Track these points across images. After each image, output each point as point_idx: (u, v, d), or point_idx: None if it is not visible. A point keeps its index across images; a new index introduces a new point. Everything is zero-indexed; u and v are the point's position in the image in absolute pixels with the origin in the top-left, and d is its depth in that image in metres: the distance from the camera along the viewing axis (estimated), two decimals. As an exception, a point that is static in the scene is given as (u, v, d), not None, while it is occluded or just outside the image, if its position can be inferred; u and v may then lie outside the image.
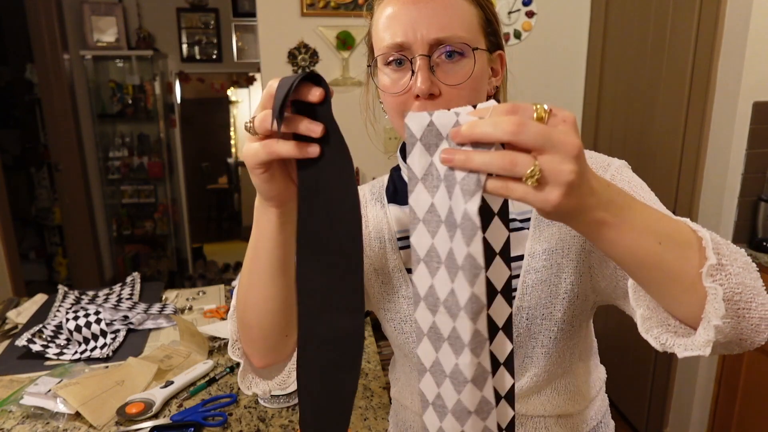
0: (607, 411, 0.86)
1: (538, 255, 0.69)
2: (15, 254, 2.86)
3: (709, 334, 0.46)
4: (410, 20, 0.60)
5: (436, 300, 0.47)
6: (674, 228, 0.48)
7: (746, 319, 0.49)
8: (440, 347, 0.48)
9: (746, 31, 1.64)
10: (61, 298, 1.51)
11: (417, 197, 0.46)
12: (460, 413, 0.49)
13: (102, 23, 3.91)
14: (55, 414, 0.97)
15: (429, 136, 0.44)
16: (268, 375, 0.68)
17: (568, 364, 0.75)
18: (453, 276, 0.45)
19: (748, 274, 0.49)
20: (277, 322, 0.62)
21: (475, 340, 0.46)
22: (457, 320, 0.46)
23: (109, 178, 4.20)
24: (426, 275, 0.47)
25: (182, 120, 4.57)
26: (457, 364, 0.47)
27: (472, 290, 0.44)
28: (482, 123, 0.41)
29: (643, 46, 2.11)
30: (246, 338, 0.65)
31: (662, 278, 0.48)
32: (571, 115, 0.42)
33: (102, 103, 4.07)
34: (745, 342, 0.51)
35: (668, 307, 0.50)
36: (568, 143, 0.40)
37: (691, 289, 0.47)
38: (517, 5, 2.34)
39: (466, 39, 0.61)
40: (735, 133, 1.72)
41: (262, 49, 2.22)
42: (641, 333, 0.51)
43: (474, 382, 0.47)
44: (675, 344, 0.49)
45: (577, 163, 0.41)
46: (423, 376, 0.50)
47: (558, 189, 0.41)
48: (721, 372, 1.84)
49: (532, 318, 0.70)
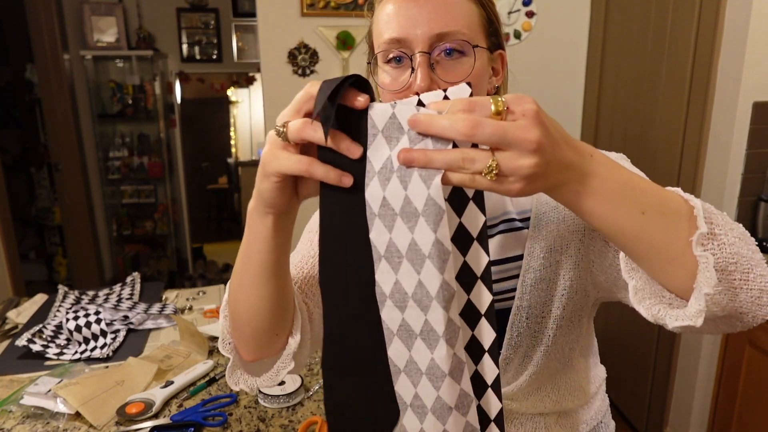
0: (608, 411, 0.86)
1: (537, 254, 0.69)
2: (15, 254, 2.86)
3: (700, 303, 0.45)
4: (410, 17, 0.60)
5: (404, 296, 0.46)
6: (662, 198, 0.47)
7: (744, 291, 0.48)
8: (413, 344, 0.47)
9: (746, 31, 1.64)
10: (61, 298, 1.51)
11: (372, 191, 0.45)
12: (441, 411, 0.48)
13: (102, 23, 3.90)
14: (55, 414, 0.97)
15: (391, 129, 0.44)
16: (256, 371, 0.67)
17: (568, 359, 0.75)
18: (419, 267, 0.44)
19: (745, 245, 0.48)
20: (268, 321, 0.62)
21: (449, 330, 0.45)
22: (429, 312, 0.45)
23: (109, 178, 4.20)
24: (388, 272, 0.46)
25: (182, 120, 4.57)
26: (433, 358, 0.46)
27: (442, 277, 0.43)
28: (439, 120, 0.42)
29: (643, 46, 2.11)
30: (237, 334, 0.65)
31: (648, 249, 0.47)
32: (532, 108, 0.42)
33: (102, 103, 4.07)
34: (746, 316, 0.49)
35: (660, 279, 0.49)
36: (525, 139, 0.40)
37: (680, 260, 0.46)
38: (517, 5, 2.34)
39: (466, 36, 0.60)
40: (735, 133, 1.72)
41: (262, 49, 2.22)
42: (633, 304, 0.50)
43: (452, 376, 0.46)
44: (666, 315, 0.48)
45: (537, 155, 0.41)
46: (398, 378, 0.49)
47: (518, 182, 0.42)
48: (721, 372, 1.84)
49: (531, 317, 0.70)
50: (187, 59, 4.34)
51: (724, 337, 1.81)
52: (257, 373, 0.67)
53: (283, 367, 0.65)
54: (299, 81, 2.26)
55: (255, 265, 0.58)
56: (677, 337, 2.02)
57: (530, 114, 0.41)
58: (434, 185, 0.42)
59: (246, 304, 0.61)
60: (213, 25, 4.33)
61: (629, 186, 0.46)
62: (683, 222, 0.47)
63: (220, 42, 4.38)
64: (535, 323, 0.70)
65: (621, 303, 0.66)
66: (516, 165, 0.41)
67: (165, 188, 4.35)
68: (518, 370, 0.73)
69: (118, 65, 4.08)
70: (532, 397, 0.75)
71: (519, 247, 0.70)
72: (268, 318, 0.61)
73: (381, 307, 0.47)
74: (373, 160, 0.45)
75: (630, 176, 0.47)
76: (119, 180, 4.22)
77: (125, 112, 4.09)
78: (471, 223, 0.46)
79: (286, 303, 0.62)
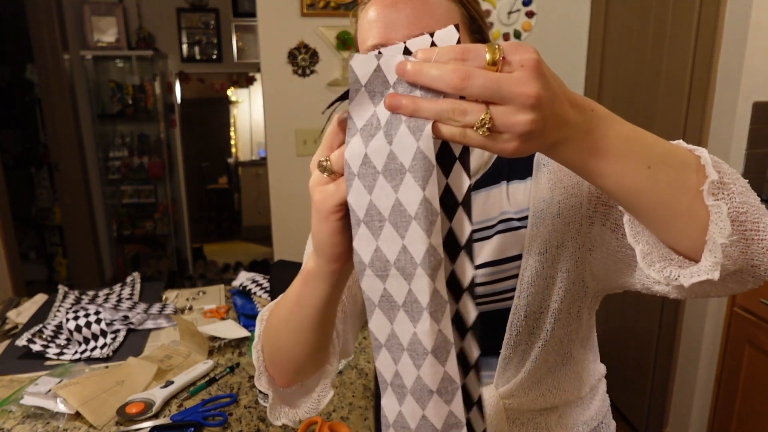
0: (608, 412, 0.86)
1: (535, 252, 0.69)
2: (15, 254, 2.86)
3: (716, 255, 0.42)
4: (390, 22, 0.59)
5: (385, 263, 0.41)
6: (667, 150, 0.45)
7: (755, 242, 0.45)
8: (395, 317, 0.43)
9: (746, 31, 1.64)
10: (61, 298, 1.51)
11: (352, 149, 0.41)
12: (421, 393, 0.43)
13: (102, 23, 3.91)
14: (55, 414, 0.97)
15: (375, 83, 0.40)
16: (294, 400, 0.66)
17: (567, 351, 0.75)
18: (403, 231, 0.40)
19: (751, 194, 0.47)
20: (313, 356, 0.61)
21: (434, 301, 0.41)
22: (413, 281, 0.41)
23: (109, 178, 4.20)
24: (368, 237, 0.41)
25: (182, 120, 4.58)
26: (416, 332, 0.42)
27: (429, 241, 0.39)
28: (429, 69, 0.38)
29: (643, 46, 2.11)
30: (274, 367, 0.63)
31: (657, 204, 0.44)
32: (532, 57, 0.38)
33: (102, 103, 4.07)
34: (759, 269, 0.47)
35: (669, 238, 0.46)
36: (522, 93, 0.37)
37: (690, 213, 0.44)
38: (517, 5, 2.34)
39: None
40: (735, 133, 1.72)
41: (262, 49, 2.23)
42: (643, 268, 0.47)
43: (435, 354, 0.42)
44: (681, 275, 0.45)
45: (535, 111, 0.37)
46: (379, 353, 0.45)
47: (513, 140, 0.38)
48: (721, 372, 1.84)
49: (530, 314, 0.70)
50: (187, 59, 4.34)
51: (724, 337, 1.81)
52: (297, 403, 0.66)
53: (324, 395, 0.65)
54: (299, 81, 2.26)
55: (308, 318, 0.57)
56: (677, 337, 2.02)
57: (529, 64, 0.38)
58: (424, 135, 0.38)
59: (291, 344, 0.60)
60: (213, 25, 4.33)
61: (633, 140, 0.44)
62: (691, 173, 0.44)
63: (220, 42, 4.38)
64: (533, 320, 0.71)
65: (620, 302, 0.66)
66: (511, 121, 0.37)
67: (165, 188, 4.35)
68: (517, 367, 0.73)
69: (118, 65, 4.08)
70: (533, 392, 0.75)
71: (517, 247, 0.70)
72: (313, 353, 0.61)
73: (360, 276, 0.43)
74: (354, 117, 0.41)
75: (633, 130, 0.45)
76: (119, 180, 4.22)
77: (125, 112, 4.10)
78: (457, 187, 0.42)
79: (330, 338, 0.62)
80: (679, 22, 1.90)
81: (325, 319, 0.57)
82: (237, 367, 1.14)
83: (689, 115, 1.89)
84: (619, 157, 0.43)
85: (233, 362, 1.17)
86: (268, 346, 0.63)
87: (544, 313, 0.70)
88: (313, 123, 2.31)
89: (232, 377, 1.11)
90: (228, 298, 1.55)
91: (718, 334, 1.83)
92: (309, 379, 0.65)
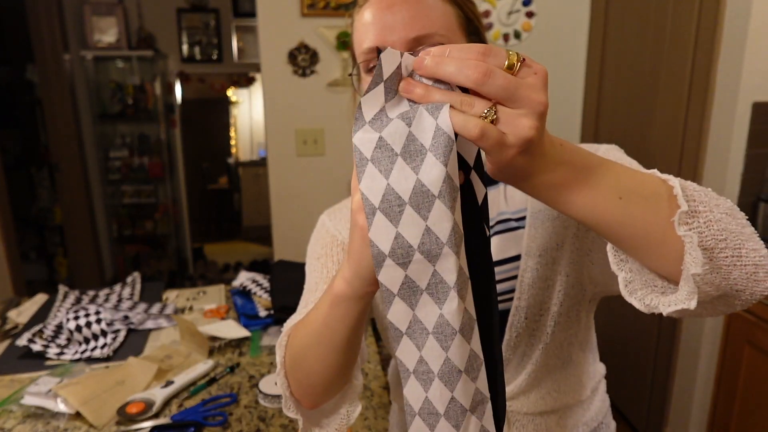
0: (608, 412, 0.86)
1: (534, 253, 0.69)
2: (15, 254, 2.87)
3: (689, 285, 0.43)
4: (386, 24, 0.59)
5: (407, 249, 0.40)
6: (638, 181, 0.46)
7: (738, 268, 0.46)
8: (417, 302, 0.42)
9: (746, 31, 1.64)
10: (62, 298, 1.51)
11: (362, 136, 0.40)
12: (449, 375, 0.43)
13: (102, 23, 3.91)
14: (56, 414, 0.97)
15: (392, 80, 0.41)
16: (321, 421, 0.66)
17: (567, 355, 0.75)
18: (426, 211, 0.39)
19: (733, 220, 0.46)
20: (343, 375, 0.61)
21: (460, 279, 0.41)
22: (439, 261, 0.40)
23: (109, 178, 4.20)
24: (386, 225, 0.40)
25: (183, 120, 4.58)
26: (442, 314, 0.41)
27: (453, 218, 0.39)
28: (448, 61, 0.39)
29: (643, 46, 2.11)
30: (302, 390, 0.62)
31: (632, 235, 0.45)
32: (543, 69, 0.40)
33: (102, 103, 4.07)
34: (744, 293, 0.47)
35: (650, 265, 0.47)
36: (534, 99, 0.39)
37: (666, 242, 0.44)
38: (517, 5, 2.34)
39: (444, 39, 0.59)
40: (735, 133, 1.72)
41: (262, 50, 2.23)
42: (625, 297, 0.48)
43: (462, 333, 0.42)
44: (660, 303, 0.46)
45: (539, 120, 0.39)
46: (399, 343, 0.44)
47: (513, 147, 0.39)
48: (720, 372, 1.84)
49: (530, 316, 0.70)
50: (187, 59, 4.34)
51: (724, 337, 1.81)
52: (326, 422, 0.65)
53: (353, 410, 0.65)
54: (299, 81, 2.26)
55: (339, 341, 0.56)
56: (677, 337, 2.02)
57: (542, 74, 0.40)
58: (443, 113, 0.38)
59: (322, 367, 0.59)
60: (213, 26, 4.33)
61: (602, 172, 0.45)
62: (663, 203, 0.45)
63: (221, 42, 4.38)
64: (533, 322, 0.71)
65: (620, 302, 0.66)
66: (518, 122, 0.38)
67: (165, 188, 4.35)
68: (517, 369, 0.73)
69: (118, 65, 4.08)
70: (532, 395, 0.75)
71: (516, 247, 0.70)
72: (344, 372, 0.60)
73: (377, 269, 0.41)
74: (365, 109, 0.41)
75: (602, 162, 0.45)
76: (120, 180, 4.22)
77: (126, 113, 4.10)
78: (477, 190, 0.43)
79: (358, 354, 0.61)
80: (679, 22, 1.90)
81: (357, 339, 0.56)
82: (237, 367, 1.14)
83: (689, 115, 1.89)
84: (590, 188, 0.44)
85: (233, 362, 1.17)
86: (295, 371, 0.62)
87: (544, 315, 0.70)
88: (313, 123, 2.31)
89: (232, 377, 1.11)
90: (228, 298, 1.55)
91: (718, 334, 1.83)
92: (336, 396, 0.64)
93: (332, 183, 2.37)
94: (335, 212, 0.80)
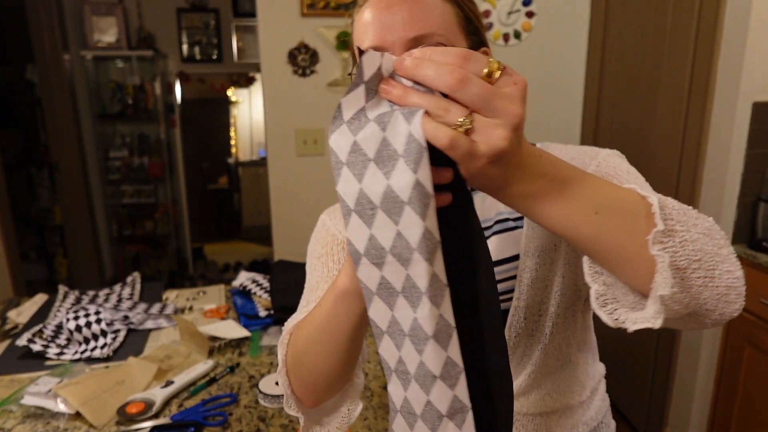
0: (608, 411, 0.86)
1: (532, 253, 0.69)
2: (15, 254, 2.87)
3: (656, 304, 0.43)
4: (385, 24, 0.59)
5: (380, 251, 0.41)
6: (617, 196, 0.46)
7: (710, 288, 0.46)
8: (394, 303, 0.43)
9: (746, 31, 1.64)
10: (62, 298, 1.51)
11: (338, 138, 0.41)
12: (424, 378, 0.43)
13: (102, 23, 3.91)
14: (56, 414, 0.97)
15: (373, 81, 0.41)
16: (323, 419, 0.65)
17: (566, 356, 0.75)
18: (396, 216, 0.39)
19: (710, 241, 0.46)
20: (347, 372, 0.61)
21: (433, 286, 0.41)
22: (410, 266, 0.41)
23: (109, 178, 4.20)
24: (360, 226, 0.41)
25: (182, 120, 4.58)
26: (416, 318, 0.42)
27: (424, 224, 0.39)
28: (427, 64, 0.39)
29: (643, 46, 2.11)
30: (304, 389, 0.62)
31: (607, 249, 0.45)
32: (523, 80, 0.40)
33: (102, 103, 4.07)
34: (713, 313, 0.48)
35: (623, 280, 0.47)
36: (509, 111, 0.38)
37: (640, 259, 0.44)
38: (517, 5, 2.34)
39: (443, 38, 0.59)
40: (735, 133, 1.72)
41: (262, 50, 2.23)
42: (594, 309, 0.48)
43: (436, 339, 0.42)
44: (627, 319, 0.46)
45: (513, 131, 0.38)
46: (381, 340, 0.45)
47: (483, 158, 0.39)
48: (721, 372, 1.84)
49: (529, 316, 0.70)
50: (187, 59, 4.34)
51: (724, 337, 1.81)
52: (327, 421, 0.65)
53: (354, 408, 0.65)
54: (299, 81, 2.26)
55: (343, 337, 0.55)
56: (677, 337, 2.02)
57: (521, 85, 0.39)
58: (415, 120, 0.38)
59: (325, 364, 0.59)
60: (213, 26, 4.33)
61: (580, 185, 0.45)
62: (641, 220, 0.45)
63: (220, 42, 4.38)
64: (532, 322, 0.71)
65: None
66: (492, 133, 0.38)
67: (165, 188, 4.35)
68: (516, 370, 0.73)
69: (118, 65, 4.08)
70: (532, 396, 0.75)
71: (514, 247, 0.70)
72: (347, 369, 0.60)
73: (356, 266, 0.43)
74: (344, 109, 0.41)
75: (581, 174, 0.45)
76: (119, 180, 4.22)
77: (125, 113, 4.10)
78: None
79: (361, 351, 0.61)
80: (679, 22, 1.90)
81: (359, 336, 0.56)
82: (237, 367, 1.14)
83: (689, 115, 1.89)
84: (565, 201, 0.44)
85: (233, 362, 1.17)
86: (297, 369, 0.62)
87: (543, 315, 0.71)
88: (313, 123, 2.31)
89: (232, 377, 1.11)
90: (228, 298, 1.55)
91: (718, 334, 1.83)
92: (338, 394, 0.64)
93: (332, 183, 2.35)
94: (335, 212, 0.80)
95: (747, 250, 1.67)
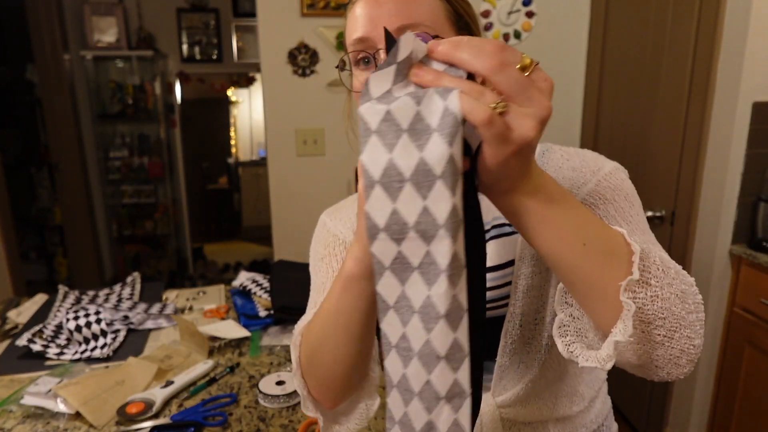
0: (610, 413, 0.84)
1: (527, 260, 0.68)
2: (15, 254, 2.87)
3: (610, 349, 0.44)
4: (371, 15, 0.60)
5: (402, 226, 0.40)
6: (604, 235, 0.47)
7: (665, 348, 0.47)
8: (408, 278, 0.42)
9: (746, 31, 1.64)
10: (62, 298, 1.51)
11: (370, 106, 0.40)
12: (428, 357, 0.43)
13: (102, 23, 3.91)
14: (56, 414, 0.97)
15: (405, 65, 0.41)
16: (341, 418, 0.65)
17: (564, 367, 0.74)
18: (426, 191, 0.38)
19: (681, 304, 0.47)
20: (362, 367, 0.60)
21: (453, 265, 0.40)
22: (433, 242, 0.40)
23: (109, 178, 4.20)
24: (383, 199, 0.40)
25: (182, 120, 4.58)
26: (430, 295, 0.41)
27: (453, 201, 0.38)
28: (464, 47, 0.39)
29: (643, 46, 2.11)
30: (321, 389, 0.61)
31: (584, 282, 0.46)
32: (551, 80, 0.41)
33: (102, 103, 4.07)
34: (662, 371, 0.49)
35: (590, 315, 0.48)
36: (542, 103, 0.39)
37: (611, 301, 0.45)
38: (517, 5, 2.34)
39: (429, 30, 0.59)
40: (735, 134, 1.72)
41: (262, 50, 2.23)
42: (554, 336, 0.49)
43: (447, 319, 0.41)
44: (581, 355, 0.48)
45: (541, 124, 0.39)
46: (386, 315, 0.44)
47: (514, 142, 0.39)
48: (720, 372, 1.84)
49: (524, 324, 0.69)
50: (187, 59, 4.35)
51: (724, 337, 1.81)
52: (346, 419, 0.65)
53: (372, 404, 0.64)
54: (299, 81, 2.26)
55: (355, 325, 0.55)
56: (677, 337, 2.02)
57: (550, 83, 0.41)
58: (452, 96, 0.38)
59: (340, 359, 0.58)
60: (213, 26, 4.33)
61: (574, 212, 0.45)
62: (622, 264, 0.46)
63: (220, 42, 4.38)
64: (528, 331, 0.70)
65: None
66: (523, 121, 0.38)
67: (165, 188, 4.35)
68: (515, 378, 0.72)
69: (118, 65, 4.08)
70: (530, 405, 0.74)
71: (511, 252, 0.69)
72: (363, 362, 0.60)
73: (371, 240, 0.41)
74: (372, 85, 0.41)
75: (576, 205, 0.46)
76: (119, 180, 4.23)
77: (125, 113, 4.10)
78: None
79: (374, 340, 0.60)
80: (679, 22, 1.90)
81: (371, 324, 0.55)
82: (237, 367, 1.14)
83: (689, 115, 1.89)
84: (557, 224, 0.45)
85: (233, 362, 1.17)
86: (312, 368, 0.61)
87: (539, 324, 0.70)
88: (313, 123, 2.31)
89: (232, 377, 1.11)
90: (228, 298, 1.55)
91: (718, 334, 1.83)
92: (354, 393, 0.64)
93: (332, 183, 2.37)
94: (335, 212, 0.80)
95: (747, 250, 1.67)
